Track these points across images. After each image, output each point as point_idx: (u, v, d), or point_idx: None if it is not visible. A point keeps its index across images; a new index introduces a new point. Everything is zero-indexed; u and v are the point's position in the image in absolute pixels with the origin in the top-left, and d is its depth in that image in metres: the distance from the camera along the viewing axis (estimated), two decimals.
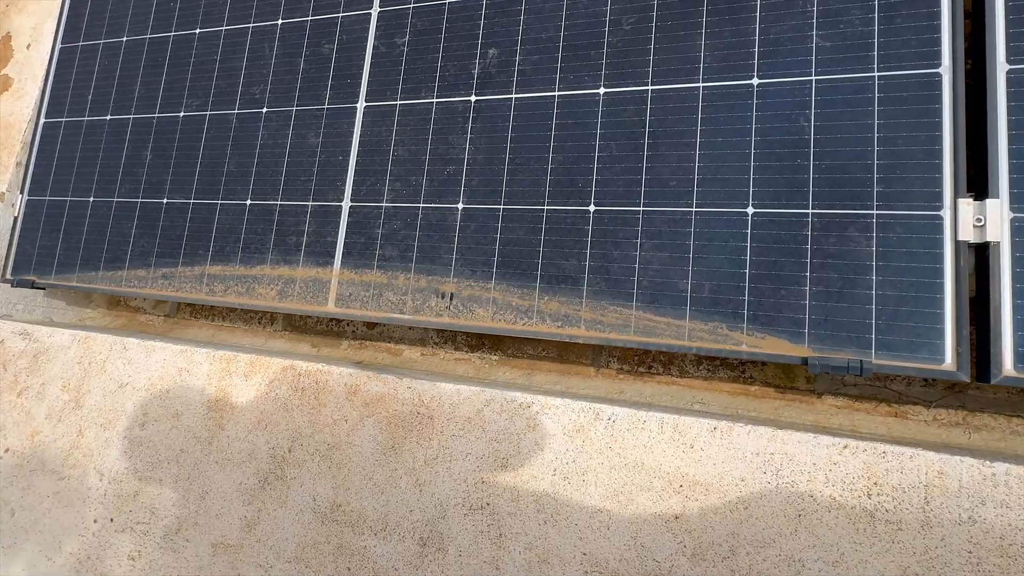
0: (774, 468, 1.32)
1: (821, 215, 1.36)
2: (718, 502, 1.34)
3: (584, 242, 1.54)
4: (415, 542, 1.55)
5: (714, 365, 1.68)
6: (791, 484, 1.31)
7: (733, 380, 1.67)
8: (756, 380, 1.65)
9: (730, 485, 1.34)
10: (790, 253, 1.37)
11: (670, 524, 1.36)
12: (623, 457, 1.43)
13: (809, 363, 1.31)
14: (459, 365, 1.96)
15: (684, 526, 1.35)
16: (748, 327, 1.37)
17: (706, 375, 1.69)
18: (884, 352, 1.27)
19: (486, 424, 1.56)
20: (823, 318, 1.32)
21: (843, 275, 1.32)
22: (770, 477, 1.32)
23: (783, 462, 1.32)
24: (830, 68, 1.40)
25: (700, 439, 1.39)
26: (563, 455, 1.48)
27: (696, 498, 1.36)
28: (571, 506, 1.44)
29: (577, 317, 1.52)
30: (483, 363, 1.93)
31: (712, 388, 1.69)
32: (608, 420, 1.47)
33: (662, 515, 1.37)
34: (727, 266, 1.41)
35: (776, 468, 1.32)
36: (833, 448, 1.30)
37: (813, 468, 1.30)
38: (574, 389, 1.75)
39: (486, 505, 1.51)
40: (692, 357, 1.69)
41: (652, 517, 1.38)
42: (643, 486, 1.40)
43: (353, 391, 1.73)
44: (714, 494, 1.35)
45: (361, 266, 1.77)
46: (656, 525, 1.37)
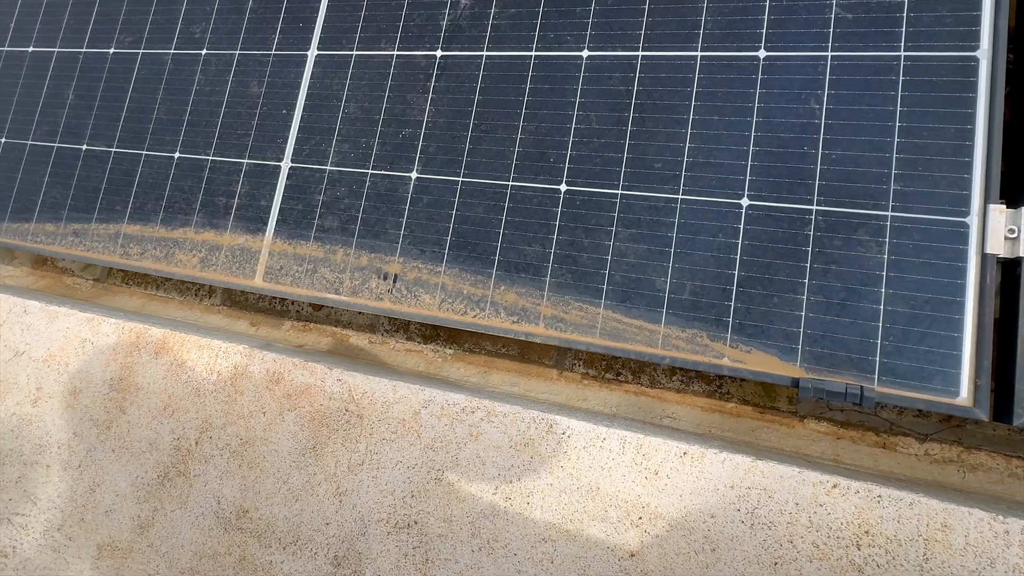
0: (750, 505, 1.12)
1: (827, 213, 1.15)
2: (682, 541, 1.13)
3: (551, 226, 1.32)
4: (328, 561, 1.32)
5: (688, 377, 1.47)
6: (768, 526, 1.10)
7: (708, 395, 1.46)
8: (733, 397, 1.45)
9: (697, 522, 1.13)
10: (787, 255, 1.16)
11: (624, 563, 1.15)
12: (576, 479, 1.22)
13: (801, 386, 1.10)
14: (409, 357, 1.73)
15: (640, 566, 1.15)
16: (732, 338, 1.16)
17: (679, 387, 1.48)
18: (889, 379, 1.07)
19: (422, 429, 1.34)
20: (821, 333, 1.12)
21: (847, 284, 1.12)
22: (744, 516, 1.11)
23: (761, 499, 1.12)
24: (849, 44, 1.19)
25: (667, 465, 1.18)
26: (507, 472, 1.26)
27: (657, 534, 1.15)
28: (511, 532, 1.22)
29: (536, 312, 1.30)
30: (436, 356, 1.71)
31: (684, 402, 1.49)
32: (562, 435, 1.26)
33: (616, 550, 1.16)
34: (713, 265, 1.20)
35: (752, 506, 1.12)
36: (820, 487, 1.10)
37: (795, 509, 1.10)
38: (532, 392, 1.54)
39: (414, 524, 1.29)
40: (665, 367, 1.48)
41: (604, 552, 1.17)
42: (597, 515, 1.18)
43: (275, 379, 1.49)
44: (678, 531, 1.14)
45: (296, 237, 1.53)
46: (608, 562, 1.16)
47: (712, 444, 1.20)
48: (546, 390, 1.57)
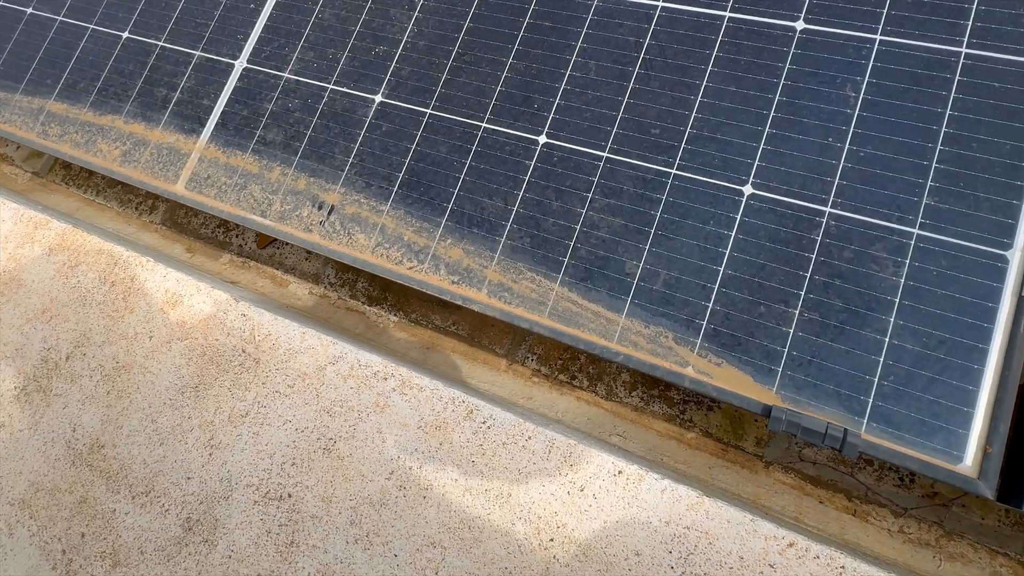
0: (685, 549, 0.91)
1: (841, 218, 0.95)
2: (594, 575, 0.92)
3: (519, 181, 1.11)
4: (179, 522, 1.09)
5: (650, 395, 1.26)
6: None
7: (668, 419, 1.25)
8: (696, 426, 1.24)
9: (618, 557, 0.92)
10: (786, 259, 0.96)
11: None
12: (487, 479, 1.00)
13: (772, 415, 0.90)
14: (348, 316, 1.51)
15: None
16: (703, 345, 0.96)
17: (638, 404, 1.27)
18: (880, 426, 0.86)
19: (323, 388, 1.12)
20: (808, 358, 0.91)
21: (850, 305, 0.92)
22: (676, 560, 0.90)
23: (700, 544, 0.90)
24: (903, 29, 1.00)
25: (596, 482, 0.96)
26: (409, 455, 1.04)
27: (567, 562, 0.93)
28: (397, 529, 1.00)
29: (482, 276, 1.09)
30: (378, 320, 1.49)
31: (640, 422, 1.27)
32: (482, 423, 1.04)
33: (514, 571, 0.94)
34: (697, 256, 0.99)
35: (687, 550, 0.90)
36: (774, 542, 0.89)
37: (739, 564, 0.89)
38: (473, 379, 1.32)
39: (287, 497, 1.06)
40: (626, 378, 1.27)
41: (500, 572, 0.95)
42: (501, 526, 0.97)
43: (173, 302, 1.27)
44: (592, 564, 0.92)
45: (233, 145, 1.31)
46: None
47: (656, 470, 0.99)
48: (489, 380, 1.35)
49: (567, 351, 1.33)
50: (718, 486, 1.15)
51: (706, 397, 1.17)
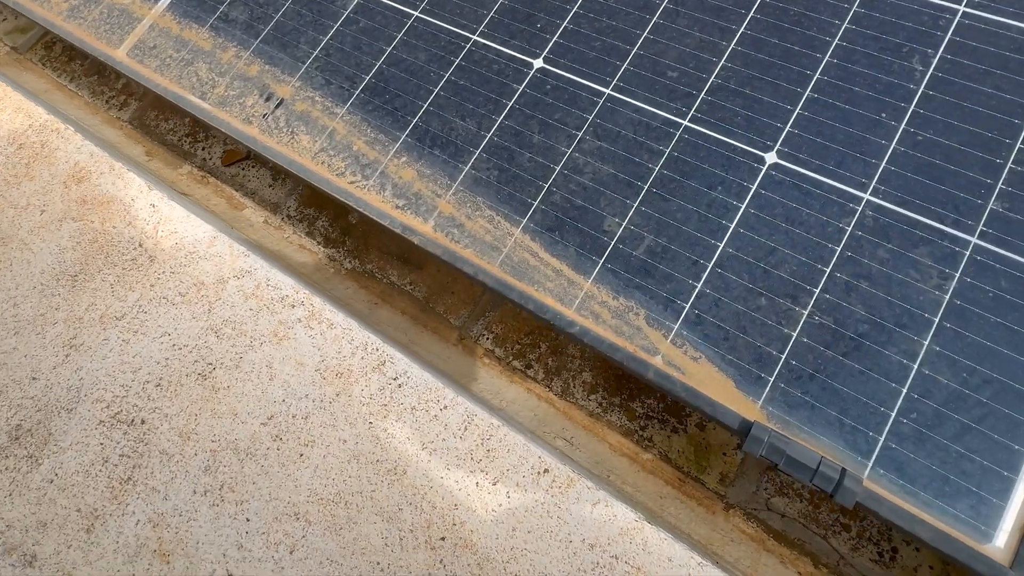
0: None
1: (882, 209, 0.74)
2: None
3: (501, 105, 0.91)
4: (7, 427, 0.88)
5: (611, 402, 1.04)
6: None
7: (625, 432, 1.03)
8: (655, 447, 1.02)
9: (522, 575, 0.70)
10: (804, 246, 0.75)
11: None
12: (381, 446, 0.78)
13: (752, 434, 0.68)
14: (299, 253, 1.30)
15: None
16: (681, 331, 0.74)
17: (594, 409, 1.05)
18: (889, 474, 0.65)
19: (219, 304, 0.91)
20: (810, 371, 0.70)
21: (876, 315, 0.70)
22: None
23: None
24: (993, 4, 0.80)
25: (515, 477, 0.75)
26: (296, 401, 0.83)
27: (455, 571, 0.71)
28: (259, 489, 0.78)
29: (432, 205, 0.88)
30: (329, 265, 1.28)
31: (593, 430, 1.05)
32: (392, 379, 0.83)
33: (387, 568, 0.72)
34: (694, 224, 0.79)
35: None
36: None
37: None
38: (415, 346, 1.11)
39: (140, 423, 0.85)
40: (587, 378, 1.05)
41: (367, 567, 0.73)
42: (385, 508, 0.75)
43: (79, 177, 1.06)
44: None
45: (191, 17, 1.11)
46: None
47: (593, 480, 0.77)
48: (433, 352, 1.14)
49: (528, 335, 1.11)
50: (666, 520, 0.93)
51: (672, 403, 0.96)
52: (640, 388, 1.01)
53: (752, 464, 0.96)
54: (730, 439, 0.97)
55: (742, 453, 0.87)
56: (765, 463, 0.89)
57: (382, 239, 1.22)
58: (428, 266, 1.18)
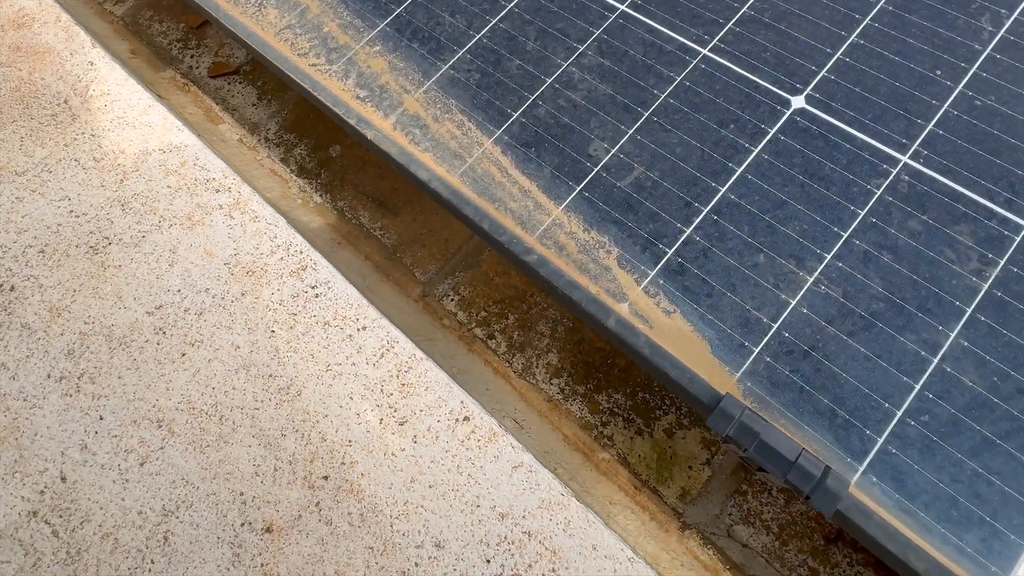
0: (512, 566, 0.55)
1: (921, 176, 0.61)
2: (361, 547, 0.56)
3: (498, 7, 0.78)
4: None
5: (575, 390, 0.90)
6: None
7: (584, 426, 0.89)
8: (615, 446, 0.87)
9: (409, 538, 0.56)
10: (821, 203, 0.62)
11: (249, 535, 0.58)
12: (279, 360, 0.65)
13: (721, 407, 0.54)
14: (268, 177, 1.17)
15: (271, 554, 0.57)
16: (657, 279, 0.61)
17: (554, 394, 0.91)
18: (883, 483, 0.51)
19: (135, 176, 0.78)
20: (806, 347, 0.56)
21: (896, 294, 0.57)
22: (492, 571, 0.54)
23: (537, 562, 0.55)
24: None
25: (427, 421, 0.61)
26: (193, 294, 0.69)
27: (332, 518, 0.57)
28: (124, 383, 0.64)
29: (398, 101, 0.75)
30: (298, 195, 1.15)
31: (549, 417, 0.91)
32: (310, 288, 0.69)
33: (250, 502, 0.59)
34: (694, 162, 0.66)
35: (513, 563, 0.55)
36: None
37: None
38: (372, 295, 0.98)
39: (8, 289, 0.71)
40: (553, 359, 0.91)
41: (232, 499, 0.59)
42: (266, 433, 0.61)
43: (20, 23, 0.93)
44: (367, 534, 0.56)
45: None
46: (229, 519, 0.58)
47: (526, 445, 0.64)
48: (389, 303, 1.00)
49: (497, 304, 0.98)
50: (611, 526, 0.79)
51: (641, 402, 0.82)
52: (609, 380, 0.87)
53: (720, 484, 0.82)
54: (699, 452, 0.83)
55: (718, 447, 0.73)
56: (734, 460, 0.75)
57: (360, 177, 1.09)
58: (404, 213, 1.05)
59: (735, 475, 0.84)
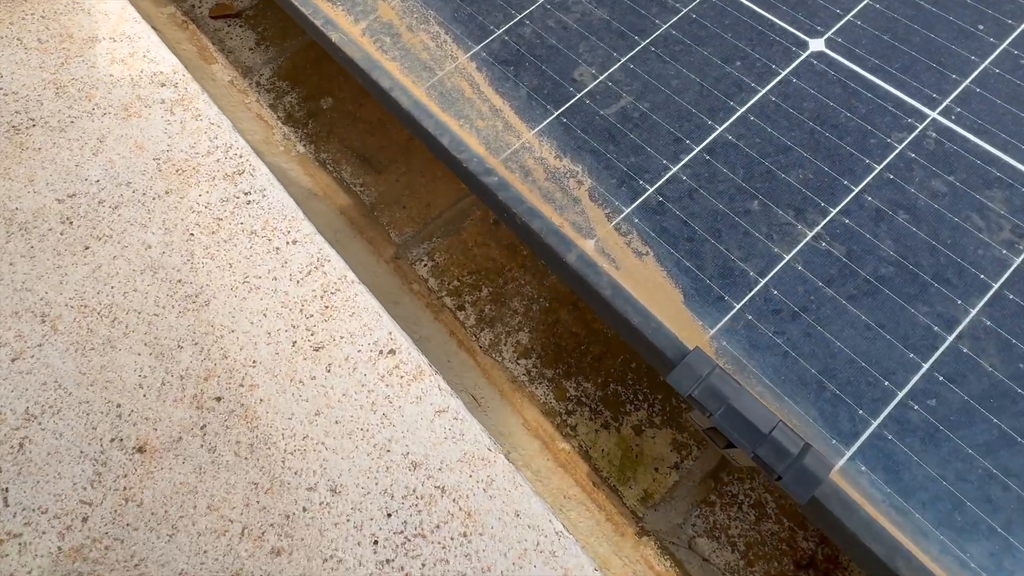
0: (415, 524, 0.45)
1: (951, 134, 0.53)
2: (257, 476, 0.47)
3: None
4: None
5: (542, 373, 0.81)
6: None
7: (547, 412, 0.79)
8: (577, 437, 0.78)
9: (300, 478, 0.47)
10: (831, 153, 0.53)
11: (119, 453, 0.49)
12: (192, 266, 0.56)
13: (687, 362, 0.45)
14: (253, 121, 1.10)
15: (142, 474, 0.48)
16: (633, 217, 0.52)
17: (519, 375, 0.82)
18: (873, 473, 0.42)
19: (79, 62, 0.70)
20: (796, 308, 0.47)
21: (909, 259, 0.48)
22: (388, 532, 0.45)
23: (447, 526, 0.45)
24: None
25: (346, 348, 0.52)
26: (112, 186, 0.61)
27: (216, 444, 0.48)
28: (15, 270, 0.56)
29: (372, 7, 0.67)
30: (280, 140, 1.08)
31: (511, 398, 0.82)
32: (243, 193, 0.60)
33: (127, 416, 0.50)
34: (691, 96, 0.57)
35: (419, 528, 0.45)
36: None
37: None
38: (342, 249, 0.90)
39: None
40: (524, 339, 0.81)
41: (103, 407, 0.50)
42: (161, 343, 0.53)
43: None
44: (252, 468, 0.47)
45: None
46: (101, 435, 0.50)
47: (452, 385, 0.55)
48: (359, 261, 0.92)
49: (472, 275, 0.89)
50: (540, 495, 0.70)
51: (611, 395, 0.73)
52: (580, 367, 0.78)
53: (686, 491, 0.73)
54: (668, 454, 0.74)
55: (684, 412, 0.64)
56: (699, 436, 0.66)
57: (348, 132, 1.02)
58: (388, 172, 0.97)
59: (704, 483, 0.74)
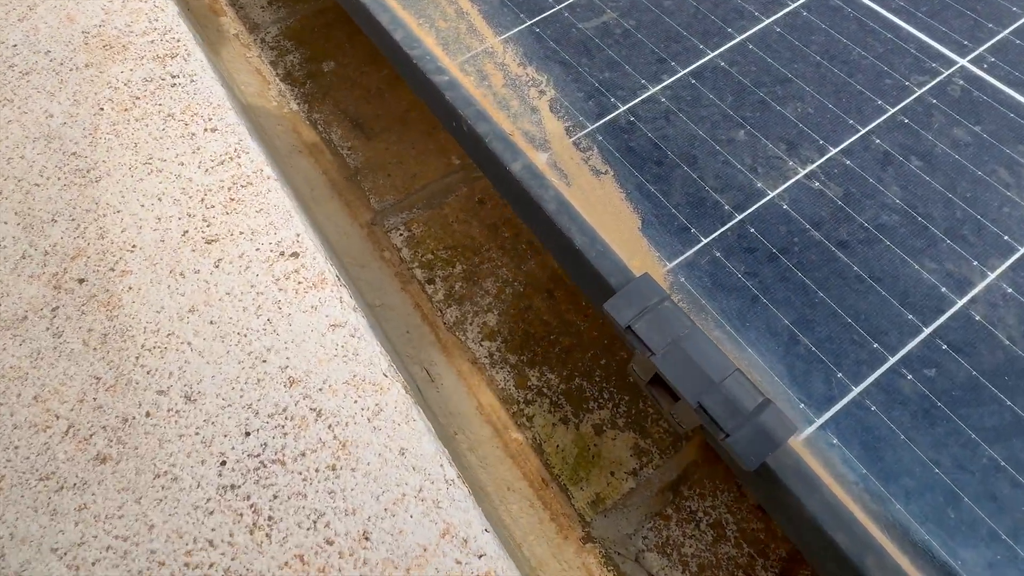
0: (275, 449, 0.37)
1: (979, 83, 0.45)
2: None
3: None
4: None
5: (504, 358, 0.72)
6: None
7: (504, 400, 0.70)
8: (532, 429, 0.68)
9: (152, 381, 0.39)
10: (840, 91, 0.45)
11: None
12: (92, 140, 0.48)
13: (627, 289, 0.37)
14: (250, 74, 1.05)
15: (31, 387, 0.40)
16: (594, 134, 0.45)
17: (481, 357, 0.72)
18: (850, 448, 0.32)
19: None
20: (776, 249, 0.39)
21: (918, 212, 0.40)
22: (241, 456, 0.36)
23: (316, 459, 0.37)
24: None
25: (243, 243, 0.44)
26: (31, 55, 0.54)
27: (62, 325, 0.41)
28: None
29: None
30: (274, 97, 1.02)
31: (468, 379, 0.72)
32: (171, 77, 0.53)
33: None
34: (683, 19, 0.50)
35: (279, 451, 0.37)
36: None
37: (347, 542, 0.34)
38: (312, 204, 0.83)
39: None
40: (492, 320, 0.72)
41: None
42: (31, 209, 0.45)
43: None
44: (112, 351, 0.39)
45: None
46: None
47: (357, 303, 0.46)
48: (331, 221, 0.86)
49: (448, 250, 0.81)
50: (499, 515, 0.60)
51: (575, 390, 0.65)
52: (547, 357, 0.70)
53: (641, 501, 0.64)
54: (628, 459, 0.65)
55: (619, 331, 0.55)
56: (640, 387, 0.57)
57: (345, 96, 0.96)
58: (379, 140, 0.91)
59: (662, 495, 0.64)
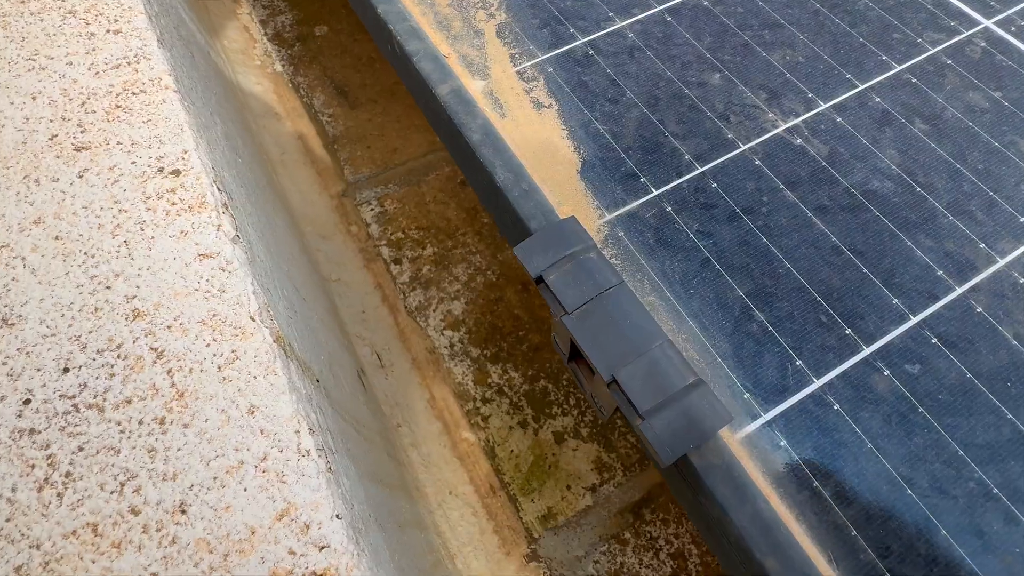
0: (99, 389, 0.30)
1: (1003, 45, 0.37)
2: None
3: None
4: None
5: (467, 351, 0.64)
6: None
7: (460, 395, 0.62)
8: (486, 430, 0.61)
9: None
10: (837, 41, 0.38)
11: None
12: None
13: (544, 231, 0.30)
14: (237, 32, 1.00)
15: None
16: (548, 64, 0.38)
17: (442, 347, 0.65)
18: (801, 452, 0.25)
19: None
20: (739, 208, 0.32)
21: (917, 181, 0.32)
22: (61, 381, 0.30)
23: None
24: None
25: (118, 153, 0.37)
26: None
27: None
28: None
29: None
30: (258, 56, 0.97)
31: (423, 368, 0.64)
32: None
33: None
34: None
35: (105, 391, 0.30)
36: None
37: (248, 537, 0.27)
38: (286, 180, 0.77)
39: None
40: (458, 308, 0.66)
41: None
42: None
43: None
44: None
45: None
46: None
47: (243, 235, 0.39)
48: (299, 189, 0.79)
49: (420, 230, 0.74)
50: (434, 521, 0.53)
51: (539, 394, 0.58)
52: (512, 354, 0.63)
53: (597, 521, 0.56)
54: (588, 473, 0.58)
55: None
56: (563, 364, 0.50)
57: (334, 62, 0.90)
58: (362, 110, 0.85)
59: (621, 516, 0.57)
